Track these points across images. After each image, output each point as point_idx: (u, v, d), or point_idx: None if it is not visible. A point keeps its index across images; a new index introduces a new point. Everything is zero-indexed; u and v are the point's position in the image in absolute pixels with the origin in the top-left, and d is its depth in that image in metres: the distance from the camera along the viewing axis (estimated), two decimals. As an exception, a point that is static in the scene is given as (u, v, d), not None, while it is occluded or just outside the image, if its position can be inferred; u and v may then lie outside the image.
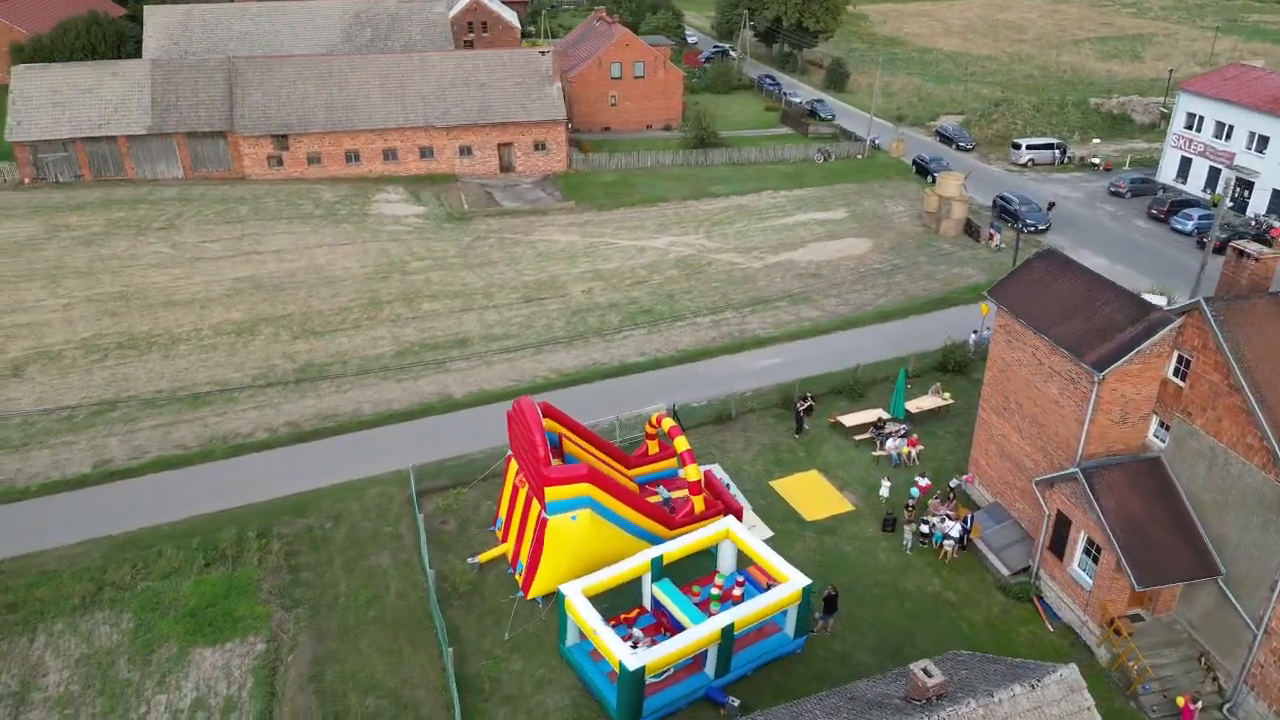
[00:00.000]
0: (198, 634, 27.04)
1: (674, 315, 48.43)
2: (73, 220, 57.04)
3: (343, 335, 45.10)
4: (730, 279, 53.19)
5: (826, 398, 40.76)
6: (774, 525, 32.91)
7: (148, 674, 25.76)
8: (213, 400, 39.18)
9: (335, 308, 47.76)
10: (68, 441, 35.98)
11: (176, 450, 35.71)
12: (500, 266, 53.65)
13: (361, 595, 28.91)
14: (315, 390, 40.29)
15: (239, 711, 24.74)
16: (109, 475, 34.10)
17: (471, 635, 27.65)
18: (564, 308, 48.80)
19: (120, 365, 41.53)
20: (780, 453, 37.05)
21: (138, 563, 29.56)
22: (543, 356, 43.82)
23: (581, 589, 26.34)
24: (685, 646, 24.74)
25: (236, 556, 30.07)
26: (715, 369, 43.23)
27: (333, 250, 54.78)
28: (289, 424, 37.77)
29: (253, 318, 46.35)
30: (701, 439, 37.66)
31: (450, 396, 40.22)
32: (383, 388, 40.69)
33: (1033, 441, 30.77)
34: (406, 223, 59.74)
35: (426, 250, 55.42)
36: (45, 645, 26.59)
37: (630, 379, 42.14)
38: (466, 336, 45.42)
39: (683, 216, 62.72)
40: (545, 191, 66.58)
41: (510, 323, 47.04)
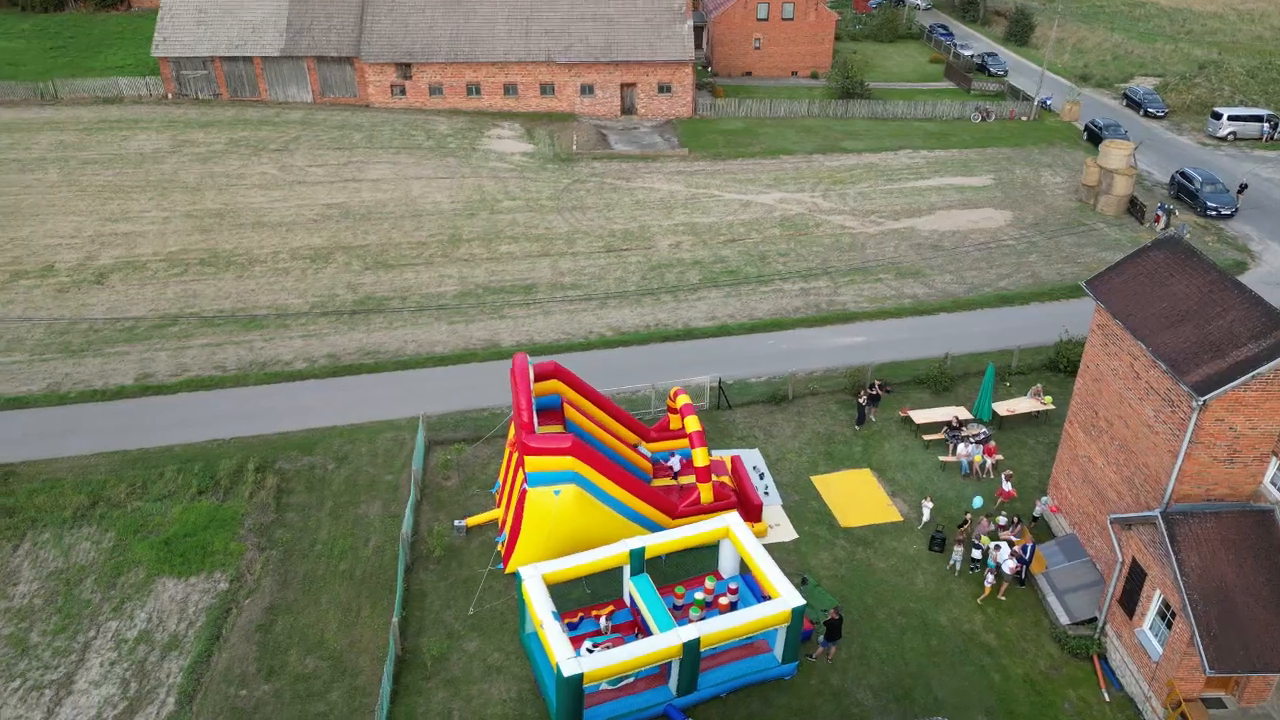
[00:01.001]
0: (167, 563, 26.53)
1: (760, 279, 44.38)
2: (198, 137, 58.85)
3: (411, 271, 43.98)
4: (836, 244, 48.34)
5: (905, 388, 35.96)
6: (802, 528, 29.08)
7: (108, 597, 25.46)
8: (266, 325, 38.98)
9: (414, 242, 46.73)
10: (121, 352, 36.65)
11: (214, 372, 35.64)
12: (591, 213, 51.02)
13: (339, 546, 27.59)
14: (366, 324, 39.36)
15: (179, 651, 23.97)
16: (145, 389, 34.40)
17: (435, 605, 25.77)
18: (644, 261, 45.71)
19: (194, 282, 42.11)
20: (833, 444, 32.87)
21: (137, 482, 29.46)
22: (605, 311, 41.07)
23: (544, 573, 23.77)
24: (636, 658, 21.79)
25: (230, 488, 29.44)
26: (787, 342, 39.13)
27: (429, 184, 53.81)
28: (329, 356, 36.99)
29: (331, 245, 46.02)
30: (747, 419, 34.00)
31: (497, 345, 38.26)
32: (432, 329, 39.25)
33: (1119, 469, 25.37)
34: (511, 160, 58.02)
35: (521, 190, 53.51)
36: (27, 554, 26.83)
37: (690, 344, 38.76)
38: (534, 283, 43.27)
39: (802, 172, 57.79)
40: (662, 137, 63.13)
41: (583, 272, 44.48)
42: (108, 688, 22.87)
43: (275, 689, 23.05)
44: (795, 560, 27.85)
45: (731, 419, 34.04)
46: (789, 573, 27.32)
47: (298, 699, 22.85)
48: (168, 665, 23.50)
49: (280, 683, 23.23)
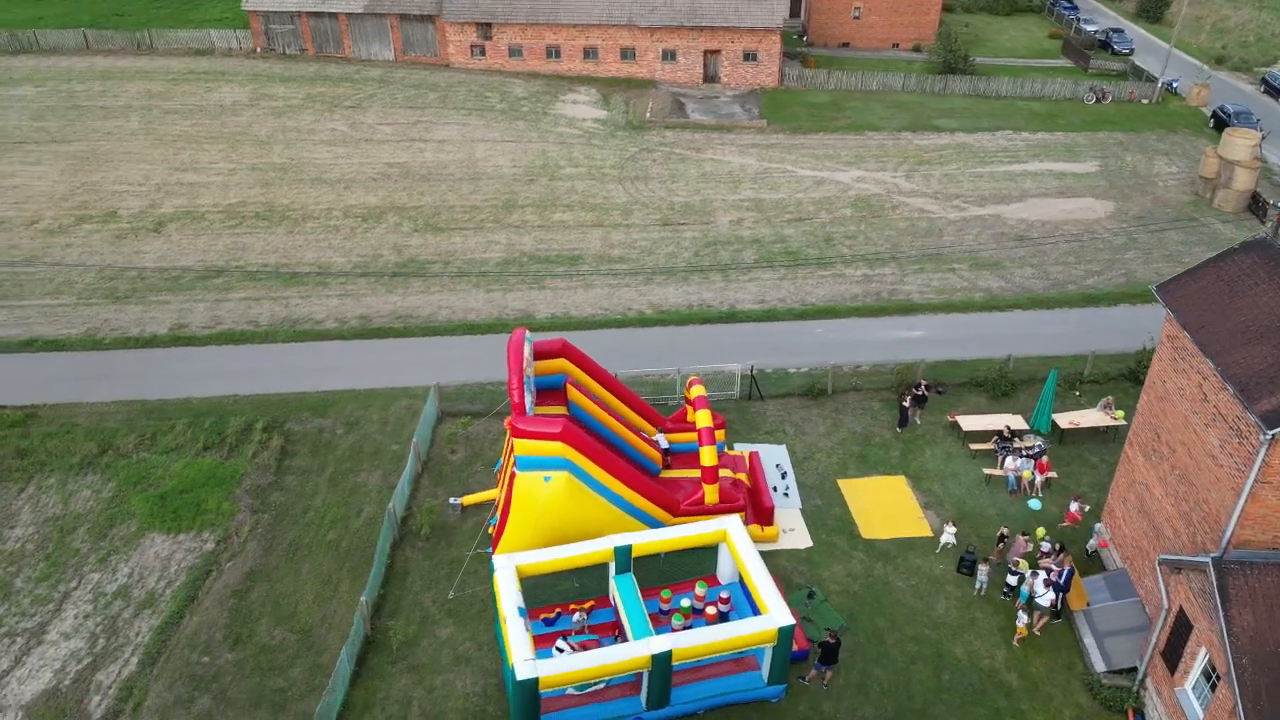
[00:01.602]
0: (158, 518, 26.30)
1: (821, 261, 41.66)
2: (278, 91, 59.32)
3: (459, 235, 43.02)
4: (911, 228, 45.05)
5: (960, 390, 32.97)
6: (819, 535, 26.82)
7: (96, 549, 25.37)
8: (306, 282, 38.67)
9: (468, 205, 45.76)
10: (162, 301, 36.91)
11: (246, 326, 35.48)
12: (654, 183, 49.01)
13: (330, 514, 26.84)
14: (404, 287, 38.60)
15: (153, 610, 23.63)
16: (177, 340, 34.50)
17: (416, 585, 24.74)
18: (700, 237, 43.54)
19: (246, 235, 42.20)
20: (869, 446, 30.32)
21: (147, 433, 29.41)
22: (649, 288, 39.20)
23: (519, 564, 22.39)
24: (600, 666, 20.19)
25: (235, 446, 29.08)
26: (838, 331, 36.48)
27: (494, 147, 52.74)
28: (361, 318, 36.37)
29: (385, 205, 45.48)
30: (779, 412, 31.72)
31: (531, 315, 36.92)
32: (470, 295, 38.19)
33: (1177, 503, 22.21)
34: (581, 126, 56.39)
35: (586, 157, 51.88)
36: (30, 498, 27.04)
37: (733, 328, 36.56)
38: (581, 254, 41.70)
39: (886, 150, 54.25)
40: (742, 107, 60.35)
41: (634, 245, 42.65)
42: (77, 641, 22.70)
43: (238, 659, 22.45)
44: (806, 571, 25.68)
45: (762, 411, 31.84)
46: (798, 584, 25.22)
47: (258, 671, 22.18)
48: (139, 624, 23.19)
49: (244, 653, 22.62)
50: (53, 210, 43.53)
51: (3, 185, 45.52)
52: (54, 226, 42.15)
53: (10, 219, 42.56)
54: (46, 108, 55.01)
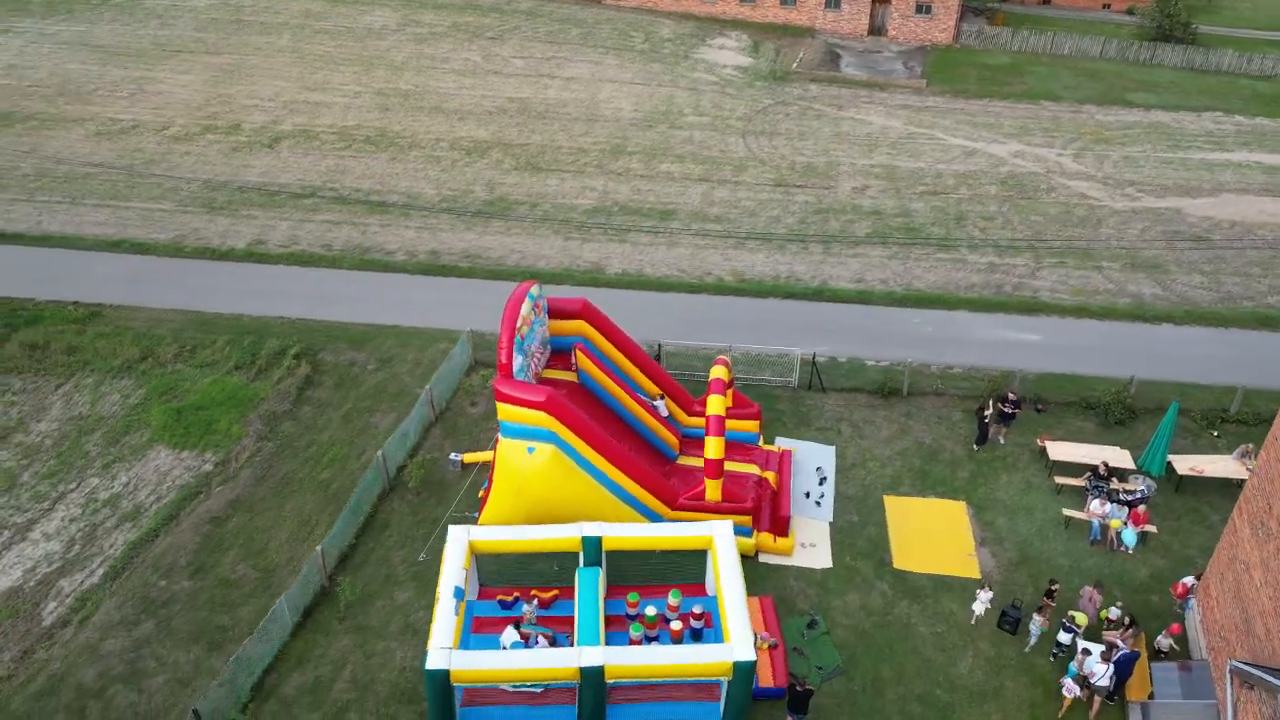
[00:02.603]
0: (169, 431, 26.25)
1: (944, 243, 36.83)
2: (426, 18, 59.15)
3: (556, 177, 41.09)
4: (1064, 215, 39.14)
5: (1065, 410, 28.03)
6: (843, 556, 23.33)
7: (105, 453, 25.62)
8: (390, 211, 38.00)
9: (576, 147, 43.72)
10: (250, 217, 37.28)
11: (319, 250, 35.19)
12: (779, 140, 45.09)
13: (332, 453, 25.91)
14: (484, 226, 37.19)
15: (134, 524, 23.51)
16: (250, 255, 34.66)
17: (391, 541, 23.39)
18: (812, 202, 39.55)
19: (349, 158, 42.06)
20: (935, 462, 26.22)
21: (189, 345, 29.55)
22: (738, 253, 35.89)
23: (474, 539, 20.49)
24: (521, 669, 18.07)
25: (264, 369, 28.69)
26: (939, 324, 32.00)
27: (621, 88, 50.26)
28: (431, 253, 35.29)
29: (493, 140, 44.16)
30: (840, 407, 28.04)
31: (601, 270, 34.62)
32: (546, 241, 36.31)
33: (1276, 597, 17.33)
34: (719, 73, 52.83)
35: (713, 106, 48.47)
36: (64, 395, 27.73)
37: (817, 307, 32.81)
38: (676, 209, 38.81)
39: (1060, 123, 47.57)
40: (904, 64, 54.69)
41: (737, 205, 39.28)
42: (55, 544, 22.92)
43: (194, 588, 21.93)
44: (815, 595, 22.38)
45: (820, 405, 28.26)
46: (801, 608, 22.02)
47: (209, 605, 21.57)
48: (116, 536, 23.16)
49: (202, 583, 22.08)
50: (185, 119, 45.09)
51: (149, 91, 47.64)
52: (180, 134, 43.62)
53: (145, 123, 44.42)
54: (212, 20, 57.32)
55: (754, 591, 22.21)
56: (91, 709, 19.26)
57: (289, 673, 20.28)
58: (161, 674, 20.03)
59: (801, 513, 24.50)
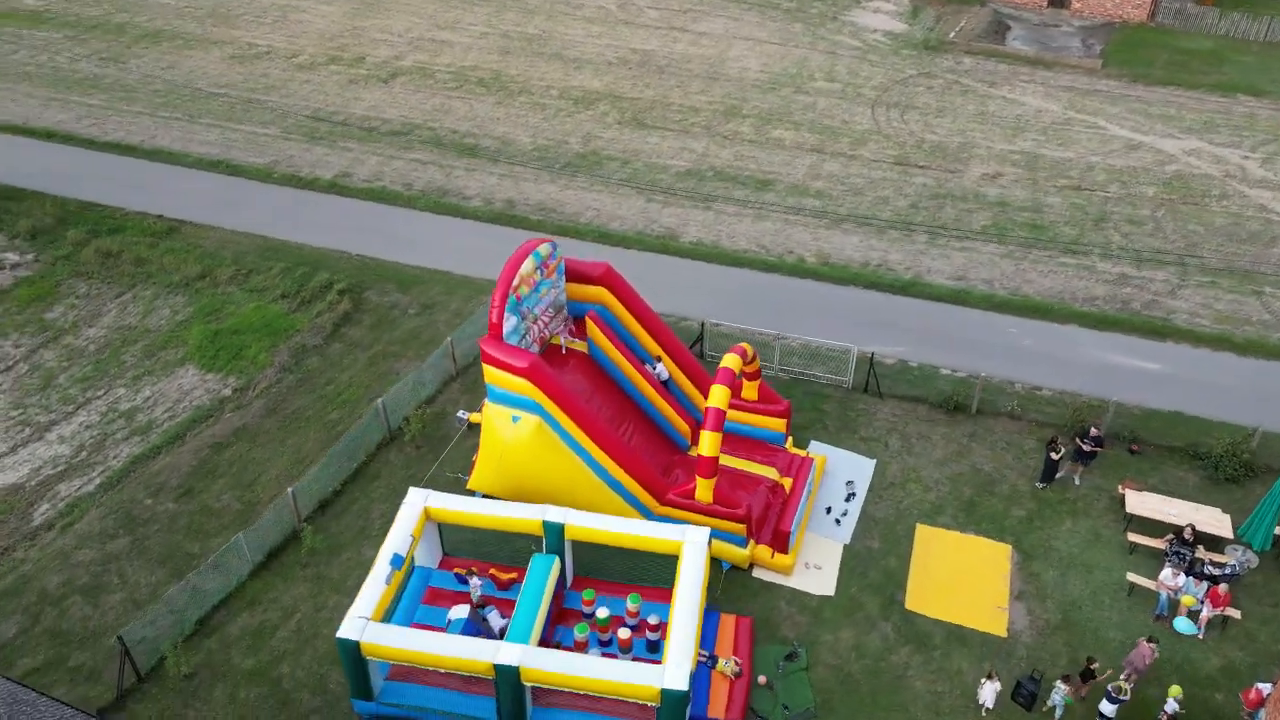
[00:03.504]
0: (201, 352, 26.48)
1: (1073, 246, 32.27)
2: (574, -38, 57.83)
3: (657, 135, 38.95)
4: (1231, 228, 33.52)
5: (1166, 457, 23.80)
6: (849, 586, 20.60)
7: (138, 366, 26.12)
8: (479, 155, 37.08)
9: (688, 106, 41.35)
10: (345, 149, 37.33)
11: (399, 188, 34.74)
12: (913, 114, 40.98)
13: (347, 394, 25.34)
14: (568, 179, 35.66)
15: (142, 438, 23.78)
16: (333, 187, 34.65)
17: (377, 493, 22.56)
18: (932, 186, 35.63)
19: (456, 99, 41.47)
20: (990, 494, 22.80)
21: (245, 268, 29.79)
22: (830, 233, 32.74)
23: (433, 505, 19.23)
24: (435, 655, 16.70)
25: (306, 301, 28.49)
26: (1039, 338, 27.98)
27: (753, 47, 47.21)
28: (506, 202, 34.17)
29: (605, 92, 42.44)
30: (894, 417, 24.92)
31: (675, 237, 32.42)
32: (626, 202, 34.40)
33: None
34: (865, 38, 48.71)
35: (849, 73, 44.68)
36: (121, 304, 28.51)
37: (903, 302, 29.41)
38: (774, 180, 35.92)
39: (1255, 121, 40.87)
40: (1082, 42, 48.58)
41: (844, 181, 35.92)
42: (66, 448, 23.53)
43: (176, 511, 21.92)
44: (805, 624, 19.85)
45: (871, 410, 25.21)
46: (784, 636, 19.59)
47: (185, 530, 21.49)
48: (122, 448, 23.52)
49: (186, 507, 22.04)
50: (315, 48, 45.88)
51: (290, 19, 48.81)
52: (306, 63, 44.40)
53: (278, 50, 45.51)
54: (369, -46, 58.24)
55: (738, 609, 20.00)
56: (46, 615, 19.55)
57: (239, 612, 19.90)
58: (121, 592, 20.10)
59: (816, 529, 21.87)
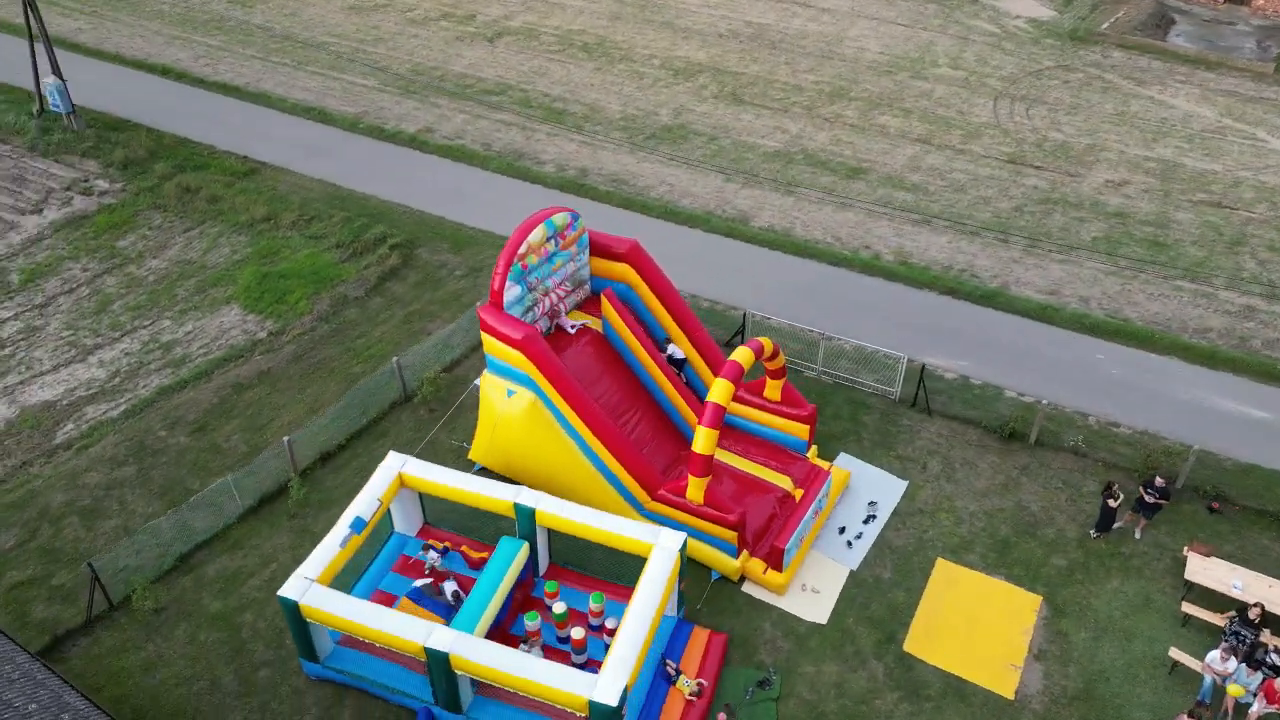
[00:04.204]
0: (247, 293, 26.78)
1: (1195, 269, 28.59)
2: (707, -69, 55.89)
3: (753, 112, 37.03)
4: (1391, 265, 28.96)
5: (1252, 521, 20.64)
6: (844, 617, 18.73)
7: (187, 301, 26.64)
8: (564, 121, 36.20)
9: (791, 84, 39.15)
10: (435, 105, 37.21)
11: (477, 147, 34.27)
12: (1040, 110, 37.41)
13: (374, 350, 24.99)
14: (647, 152, 34.32)
15: (173, 371, 24.20)
16: (413, 141, 34.50)
17: (382, 451, 21.91)
18: (1044, 189, 32.37)
19: (554, 62, 40.70)
20: (1031, 536, 20.30)
21: (309, 214, 29.96)
22: (915, 230, 30.20)
23: (408, 472, 18.56)
24: (369, 629, 16.02)
25: (359, 253, 28.39)
26: (1129, 368, 24.87)
27: (876, 27, 44.31)
28: (580, 170, 33.16)
29: (708, 64, 40.72)
30: (938, 438, 22.60)
31: (745, 221, 30.63)
32: (703, 180, 32.78)
33: None
34: (1004, 25, 44.89)
35: (976, 61, 41.23)
36: (188, 239, 29.20)
37: (978, 312, 26.75)
38: (868, 169, 33.46)
39: None
40: (1258, 43, 43.19)
41: (945, 176, 33.09)
42: (103, 372, 24.24)
43: (185, 447, 22.16)
44: (786, 651, 18.14)
45: (915, 427, 22.94)
46: (759, 661, 17.99)
47: (190, 466, 21.69)
48: (152, 379, 24.03)
49: (195, 443, 22.26)
50: (430, 3, 46.04)
51: (414, -26, 49.26)
52: (420, 18, 44.63)
53: (395, 3, 45.96)
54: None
55: (716, 624, 18.53)
56: (43, 532, 20.13)
57: (221, 554, 19.92)
58: (116, 519, 20.48)
59: (823, 549, 20.05)
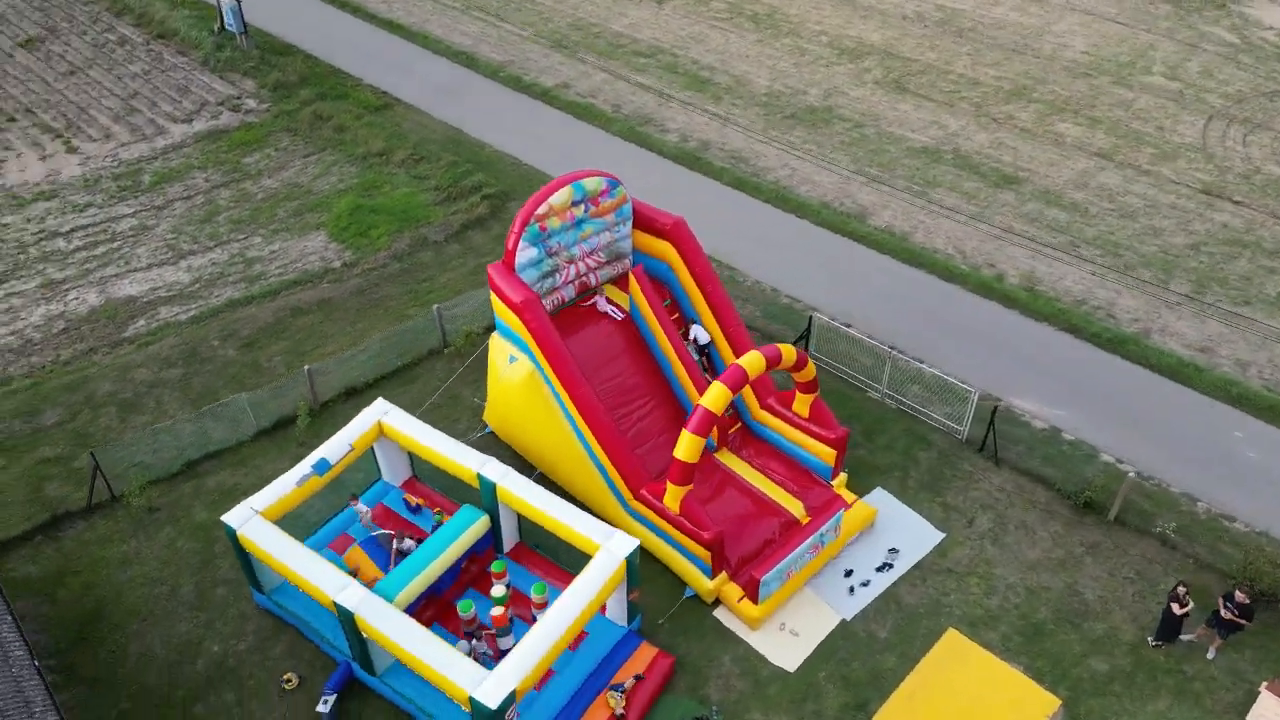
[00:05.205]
0: (335, 223, 27.18)
1: (1402, 348, 23.18)
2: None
3: (912, 103, 33.65)
4: None
5: (1376, 667, 16.27)
6: (817, 669, 16.46)
7: (281, 223, 27.41)
8: (705, 91, 34.34)
9: (968, 78, 35.27)
10: (581, 61, 36.34)
11: (605, 108, 33.12)
12: (1260, 137, 31.65)
13: (434, 296, 24.49)
14: (780, 133, 31.95)
15: (245, 285, 24.95)
16: (545, 95, 33.84)
17: (406, 397, 21.55)
18: (1236, 229, 27.34)
19: (715, 29, 38.71)
20: (1073, 628, 17.04)
21: (420, 154, 30.04)
22: (1057, 258, 26.28)
23: (388, 422, 17.97)
24: (292, 573, 15.57)
25: (452, 197, 28.16)
26: (1272, 455, 20.38)
27: (1090, 23, 39.11)
28: (701, 143, 31.35)
29: (879, 47, 37.47)
30: (999, 493, 19.51)
31: (861, 219, 27.79)
32: (827, 170, 30.06)
33: None
34: (1248, 35, 38.32)
35: (1200, 73, 35.43)
36: (306, 162, 30.10)
37: (1104, 359, 22.91)
38: (1024, 181, 29.52)
39: None
40: None
41: (1116, 199, 28.66)
42: (187, 276, 25.41)
43: (230, 360, 22.77)
44: (736, 691, 16.15)
45: (976, 475, 19.85)
46: (705, 697, 16.15)
47: (227, 378, 22.22)
48: (226, 290, 24.89)
49: (241, 358, 22.80)
50: (614, -39, 45.39)
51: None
52: (598, -26, 44.07)
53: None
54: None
55: (669, 644, 16.83)
56: (82, 416, 21.32)
57: (226, 468, 20.32)
58: (146, 415, 21.37)
59: (819, 589, 17.75)
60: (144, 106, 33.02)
